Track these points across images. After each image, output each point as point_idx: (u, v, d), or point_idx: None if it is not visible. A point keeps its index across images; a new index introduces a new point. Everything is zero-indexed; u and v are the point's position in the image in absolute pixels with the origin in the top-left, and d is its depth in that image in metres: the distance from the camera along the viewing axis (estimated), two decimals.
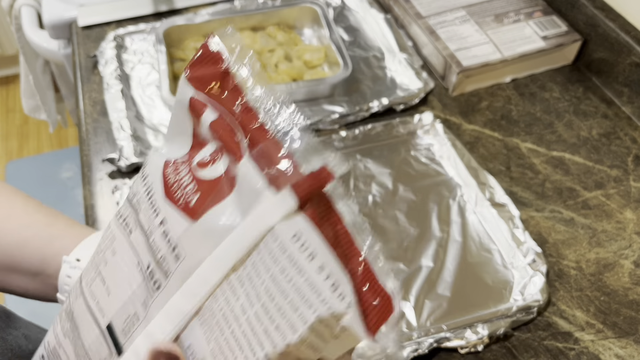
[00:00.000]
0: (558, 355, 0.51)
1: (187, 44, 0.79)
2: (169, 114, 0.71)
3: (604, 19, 0.72)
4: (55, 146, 1.88)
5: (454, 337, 0.51)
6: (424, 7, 0.81)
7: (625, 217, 0.61)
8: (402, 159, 0.66)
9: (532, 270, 0.55)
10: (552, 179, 0.65)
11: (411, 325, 0.52)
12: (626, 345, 0.51)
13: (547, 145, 0.68)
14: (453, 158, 0.65)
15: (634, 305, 0.54)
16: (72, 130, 1.90)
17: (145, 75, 0.76)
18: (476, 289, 0.55)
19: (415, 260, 0.57)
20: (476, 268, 0.56)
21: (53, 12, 0.89)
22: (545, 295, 0.53)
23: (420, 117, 0.69)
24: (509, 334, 0.52)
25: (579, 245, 0.59)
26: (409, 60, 0.76)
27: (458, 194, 0.63)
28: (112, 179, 0.64)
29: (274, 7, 0.82)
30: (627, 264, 0.57)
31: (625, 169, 0.66)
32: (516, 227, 0.57)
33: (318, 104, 0.72)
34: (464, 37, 0.75)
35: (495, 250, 0.58)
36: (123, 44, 0.80)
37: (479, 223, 0.60)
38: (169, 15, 0.85)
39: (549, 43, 0.75)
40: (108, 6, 0.86)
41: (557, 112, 0.72)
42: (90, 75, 0.77)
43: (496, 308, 0.53)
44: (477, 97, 0.74)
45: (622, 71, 0.71)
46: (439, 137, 0.67)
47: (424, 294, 0.54)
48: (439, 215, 0.61)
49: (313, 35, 0.83)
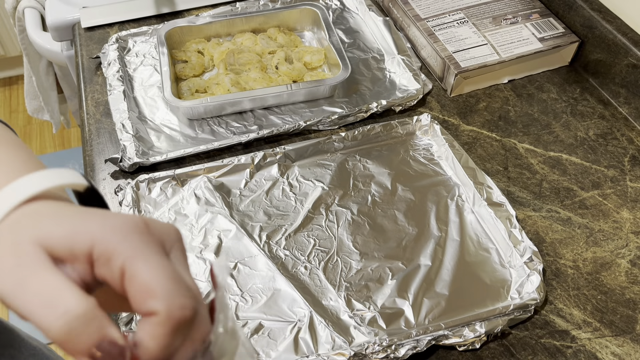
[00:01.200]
0: (555, 353, 0.51)
1: (189, 45, 0.80)
2: (171, 115, 0.72)
3: (600, 20, 0.73)
4: (58, 147, 1.89)
5: (452, 335, 0.51)
6: (423, 9, 0.81)
7: (621, 216, 0.62)
8: (401, 159, 0.67)
9: (529, 269, 0.55)
10: (550, 179, 0.65)
11: (410, 323, 0.53)
12: (623, 344, 0.52)
13: (545, 145, 0.69)
14: (451, 158, 0.65)
15: (630, 304, 0.55)
16: (75, 130, 1.91)
17: (148, 76, 0.77)
18: (474, 287, 0.55)
19: (413, 259, 0.58)
20: (474, 267, 0.57)
21: (56, 13, 0.90)
22: (542, 293, 0.54)
23: (419, 118, 0.69)
24: (507, 332, 0.53)
25: (576, 245, 0.59)
26: (408, 62, 0.77)
27: (456, 193, 0.63)
28: (115, 179, 0.65)
29: (274, 9, 0.83)
30: (624, 263, 0.58)
31: (622, 169, 0.66)
32: (513, 227, 0.58)
33: (318, 105, 0.73)
34: (462, 39, 0.76)
35: (493, 249, 0.58)
36: (126, 46, 0.81)
37: (477, 222, 0.61)
38: (171, 17, 0.86)
39: (547, 44, 0.75)
40: (110, 8, 0.87)
41: (554, 113, 0.73)
42: (93, 77, 0.78)
43: (494, 306, 0.54)
44: (475, 98, 0.75)
45: (619, 72, 0.72)
46: (437, 137, 0.68)
47: (422, 293, 0.55)
48: (437, 215, 0.61)
49: (313, 37, 0.83)
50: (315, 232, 0.60)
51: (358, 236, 0.60)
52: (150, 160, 0.65)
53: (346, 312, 0.53)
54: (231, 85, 0.72)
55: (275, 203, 0.63)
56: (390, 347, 0.50)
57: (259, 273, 0.56)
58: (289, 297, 0.54)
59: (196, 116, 0.71)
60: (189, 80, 0.75)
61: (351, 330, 0.52)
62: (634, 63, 0.69)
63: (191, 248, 0.58)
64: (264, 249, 0.58)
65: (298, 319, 0.53)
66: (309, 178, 0.65)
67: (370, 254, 0.58)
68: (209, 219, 0.61)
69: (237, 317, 0.53)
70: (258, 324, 0.52)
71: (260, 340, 0.51)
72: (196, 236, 0.59)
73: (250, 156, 0.65)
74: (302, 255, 0.58)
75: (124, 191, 0.62)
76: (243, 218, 0.61)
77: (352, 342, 0.51)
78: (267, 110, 0.72)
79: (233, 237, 0.59)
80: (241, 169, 0.65)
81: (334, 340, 0.51)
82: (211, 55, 0.79)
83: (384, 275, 0.56)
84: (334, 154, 0.68)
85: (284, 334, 0.52)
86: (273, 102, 0.72)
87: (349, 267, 0.57)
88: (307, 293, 0.55)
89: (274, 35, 0.82)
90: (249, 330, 0.52)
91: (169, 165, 0.66)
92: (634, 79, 0.70)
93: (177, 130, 0.70)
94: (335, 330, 0.52)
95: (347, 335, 0.52)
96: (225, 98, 0.69)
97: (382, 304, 0.54)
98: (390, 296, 0.55)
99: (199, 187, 0.63)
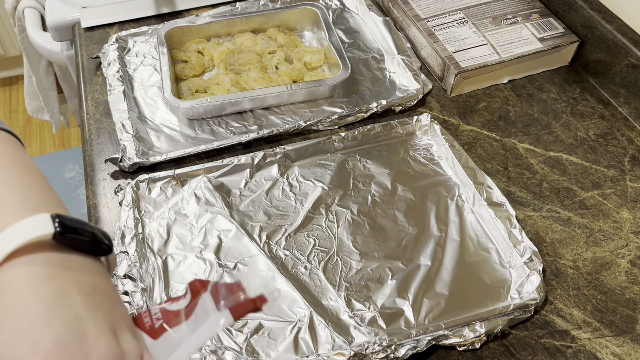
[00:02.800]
0: (555, 353, 0.51)
1: (189, 45, 0.80)
2: (171, 115, 0.72)
3: (600, 20, 0.73)
4: (58, 147, 1.89)
5: (452, 335, 0.51)
6: (423, 9, 0.81)
7: (621, 216, 0.62)
8: (401, 159, 0.67)
9: (529, 269, 0.55)
10: (550, 179, 0.65)
11: (410, 323, 0.53)
12: (623, 344, 0.52)
13: (545, 145, 0.69)
14: (451, 158, 0.65)
15: (630, 304, 0.55)
16: (75, 130, 1.91)
17: (148, 76, 0.77)
18: (474, 287, 0.55)
19: (413, 259, 0.58)
20: (474, 267, 0.57)
21: (56, 13, 0.90)
22: (542, 293, 0.54)
23: (419, 118, 0.69)
24: (507, 332, 0.53)
25: (576, 245, 0.59)
26: (408, 62, 0.77)
27: (456, 193, 0.63)
28: (115, 179, 0.65)
29: (274, 9, 0.83)
30: (624, 263, 0.58)
31: (622, 169, 0.66)
32: (513, 227, 0.58)
33: (318, 105, 0.73)
34: (462, 39, 0.76)
35: (493, 250, 0.58)
36: (126, 46, 0.81)
37: (477, 222, 0.61)
38: (171, 17, 0.86)
39: (546, 44, 0.75)
40: (110, 8, 0.87)
41: (554, 113, 0.73)
42: (93, 77, 0.78)
43: (494, 306, 0.54)
44: (475, 98, 0.75)
45: (619, 72, 0.72)
46: (437, 137, 0.68)
47: (422, 293, 0.55)
48: (437, 215, 0.61)
49: (313, 37, 0.83)
50: (315, 232, 0.60)
51: (358, 236, 0.60)
52: (150, 160, 0.65)
53: (346, 312, 0.53)
54: (231, 85, 0.72)
55: (275, 203, 0.63)
56: (390, 347, 0.50)
57: (259, 273, 0.56)
58: (289, 297, 0.54)
59: (196, 116, 0.71)
60: (189, 80, 0.75)
61: (351, 330, 0.52)
62: (634, 63, 0.69)
63: (191, 248, 0.58)
64: (264, 249, 0.58)
65: (298, 319, 0.53)
66: (309, 178, 0.65)
67: (370, 254, 0.58)
68: (209, 219, 0.61)
69: None
70: (258, 324, 0.52)
71: (260, 340, 0.51)
72: (196, 236, 0.59)
73: (250, 156, 0.65)
74: (302, 255, 0.58)
75: (124, 191, 0.62)
76: (243, 218, 0.61)
77: (352, 342, 0.51)
78: (267, 110, 0.72)
79: (233, 237, 0.59)
80: (241, 169, 0.65)
81: (334, 340, 0.51)
82: (211, 55, 0.79)
83: (384, 275, 0.56)
84: (334, 154, 0.68)
85: (284, 334, 0.52)
86: (273, 102, 0.72)
87: (349, 267, 0.57)
88: (307, 293, 0.55)
89: (274, 35, 0.82)
90: (249, 330, 0.52)
91: (169, 165, 0.66)
92: (634, 79, 0.70)
93: (177, 130, 0.70)
94: (335, 330, 0.52)
95: (347, 335, 0.52)
96: (225, 98, 0.69)
97: (382, 304, 0.54)
98: (390, 296, 0.55)
99: (199, 187, 0.63)
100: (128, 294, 0.53)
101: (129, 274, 0.54)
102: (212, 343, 0.50)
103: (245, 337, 0.51)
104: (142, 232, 0.59)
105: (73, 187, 1.75)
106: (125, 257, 0.56)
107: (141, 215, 0.61)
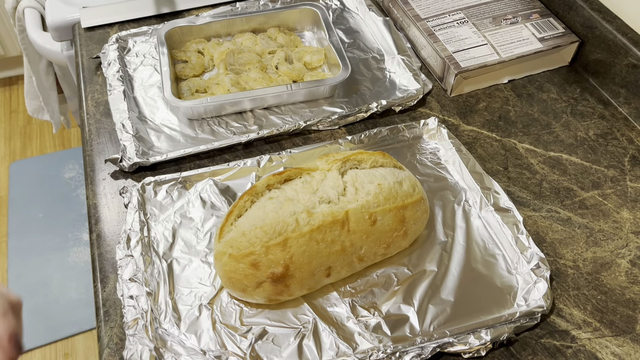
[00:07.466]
0: (555, 353, 0.51)
1: (189, 45, 0.80)
2: (171, 115, 0.72)
3: (600, 20, 0.73)
4: (58, 147, 1.89)
5: (457, 343, 0.50)
6: (423, 9, 0.81)
7: (621, 216, 0.62)
8: (408, 162, 0.66)
9: (536, 276, 0.54)
10: (550, 179, 0.65)
11: (414, 330, 0.52)
12: (623, 344, 0.52)
13: (545, 145, 0.69)
14: (458, 163, 0.65)
15: (630, 304, 0.55)
16: (75, 130, 1.91)
17: (148, 76, 0.77)
18: (480, 294, 0.55)
19: (419, 265, 0.57)
20: (480, 273, 0.56)
21: (56, 13, 0.90)
22: (549, 300, 0.53)
23: (426, 121, 0.69)
24: (513, 340, 0.52)
25: (576, 245, 0.59)
26: (408, 62, 0.77)
27: (463, 198, 0.63)
28: (115, 179, 0.65)
29: (274, 9, 0.83)
30: (624, 263, 0.58)
31: (622, 169, 0.66)
32: (520, 233, 0.57)
33: (318, 105, 0.73)
34: (462, 39, 0.76)
35: (500, 256, 0.57)
36: (126, 46, 0.81)
37: (484, 228, 0.60)
38: (171, 17, 0.86)
39: (547, 45, 0.75)
40: (110, 8, 0.87)
41: (554, 113, 0.73)
42: (93, 77, 0.78)
43: (500, 313, 0.53)
44: (475, 98, 0.75)
45: (619, 72, 0.72)
46: (444, 141, 0.67)
47: (427, 299, 0.54)
48: (443, 220, 0.61)
49: (313, 37, 0.83)
50: None
51: None
52: (150, 160, 0.65)
53: (351, 318, 0.53)
54: (231, 85, 0.72)
55: None
56: (395, 354, 0.49)
57: None
58: (293, 303, 0.54)
59: (196, 116, 0.71)
60: (189, 80, 0.75)
61: (355, 337, 0.51)
62: (634, 63, 0.69)
63: (196, 252, 0.58)
64: None
65: (302, 325, 0.52)
66: None
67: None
68: (215, 223, 0.60)
69: (242, 323, 0.53)
70: (262, 329, 0.52)
71: (265, 346, 0.51)
72: (201, 240, 0.59)
73: (257, 159, 0.65)
74: None
75: (130, 193, 0.61)
76: None
77: (356, 348, 0.51)
78: (267, 110, 0.72)
79: None
80: (247, 172, 0.65)
81: (338, 346, 0.51)
82: (211, 55, 0.79)
83: (389, 281, 0.56)
84: None
85: (288, 340, 0.51)
86: (273, 102, 0.72)
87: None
88: (312, 299, 0.54)
89: (274, 35, 0.82)
90: (253, 336, 0.51)
91: (169, 165, 0.66)
92: (634, 79, 0.70)
93: (177, 130, 0.70)
94: (340, 336, 0.51)
95: (351, 342, 0.51)
96: (225, 98, 0.69)
97: (387, 311, 0.53)
98: (395, 302, 0.54)
99: (205, 190, 0.63)
100: (133, 297, 0.52)
101: (134, 277, 0.54)
102: (216, 348, 0.50)
103: (249, 342, 0.51)
104: (147, 235, 0.58)
105: (73, 187, 1.75)
106: (130, 261, 0.55)
107: (147, 218, 0.60)
